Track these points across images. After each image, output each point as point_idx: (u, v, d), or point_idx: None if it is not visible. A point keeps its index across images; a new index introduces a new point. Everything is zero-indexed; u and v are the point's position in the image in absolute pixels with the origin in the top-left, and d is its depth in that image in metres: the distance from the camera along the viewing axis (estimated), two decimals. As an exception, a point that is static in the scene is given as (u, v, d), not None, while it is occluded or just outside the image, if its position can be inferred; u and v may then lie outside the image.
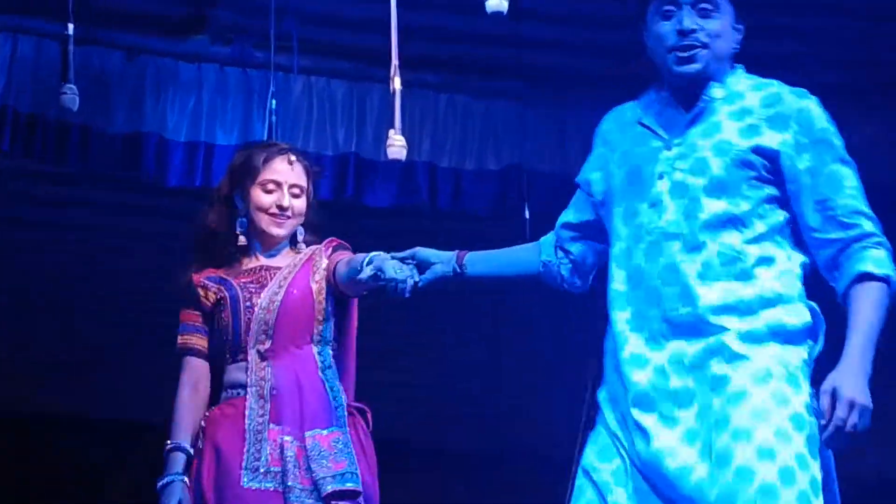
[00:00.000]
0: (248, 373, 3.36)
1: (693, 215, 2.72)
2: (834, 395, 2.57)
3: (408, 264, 3.14)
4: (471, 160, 5.50)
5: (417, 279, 3.14)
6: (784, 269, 2.75)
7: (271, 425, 3.29)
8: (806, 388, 2.66)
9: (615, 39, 5.23)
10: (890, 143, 5.59)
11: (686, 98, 2.80)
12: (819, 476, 2.63)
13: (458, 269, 3.14)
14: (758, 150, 2.73)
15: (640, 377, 2.71)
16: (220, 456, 3.30)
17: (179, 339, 3.44)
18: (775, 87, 2.81)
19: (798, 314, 2.72)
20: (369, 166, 5.35)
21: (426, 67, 5.35)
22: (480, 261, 3.14)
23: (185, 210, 5.00)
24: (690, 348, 2.69)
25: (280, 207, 3.38)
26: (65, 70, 4.55)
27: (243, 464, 3.26)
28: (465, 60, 5.48)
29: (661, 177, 2.76)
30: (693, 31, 2.77)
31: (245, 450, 3.27)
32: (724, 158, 2.73)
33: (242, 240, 3.43)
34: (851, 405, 2.56)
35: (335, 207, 5.26)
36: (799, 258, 2.78)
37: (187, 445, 3.33)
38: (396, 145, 4.12)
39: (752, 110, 2.76)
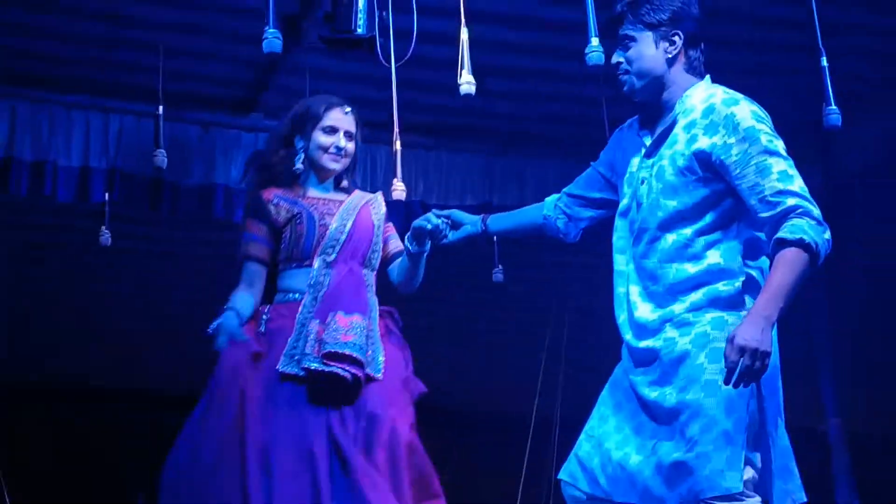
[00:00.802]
0: (311, 276, 3.24)
1: (654, 214, 2.73)
2: (730, 342, 2.51)
3: (444, 220, 3.14)
4: (453, 198, 5.70)
5: (448, 234, 3.14)
6: (729, 246, 2.69)
7: (315, 320, 3.17)
8: None
9: (563, 111, 5.69)
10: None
11: (658, 115, 2.79)
12: (739, 417, 2.58)
13: (484, 227, 3.13)
14: (697, 155, 2.67)
15: (629, 337, 2.76)
16: (272, 344, 3.17)
17: (243, 247, 3.29)
18: (714, 97, 2.71)
19: (733, 283, 2.67)
20: None
21: (419, 133, 5.62)
22: (499, 219, 3.15)
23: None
24: (653, 315, 2.71)
25: (338, 148, 3.32)
26: (157, 139, 5.01)
27: (285, 350, 3.15)
28: (449, 127, 5.77)
29: (642, 181, 2.76)
30: (618, 63, 2.80)
31: (289, 339, 3.17)
32: (674, 166, 2.70)
33: (300, 167, 3.34)
34: (742, 350, 2.49)
35: None
36: (745, 235, 2.71)
37: (238, 309, 3.19)
38: (399, 189, 4.36)
39: (696, 122, 2.70)
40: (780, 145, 2.69)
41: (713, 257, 2.68)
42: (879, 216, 6.21)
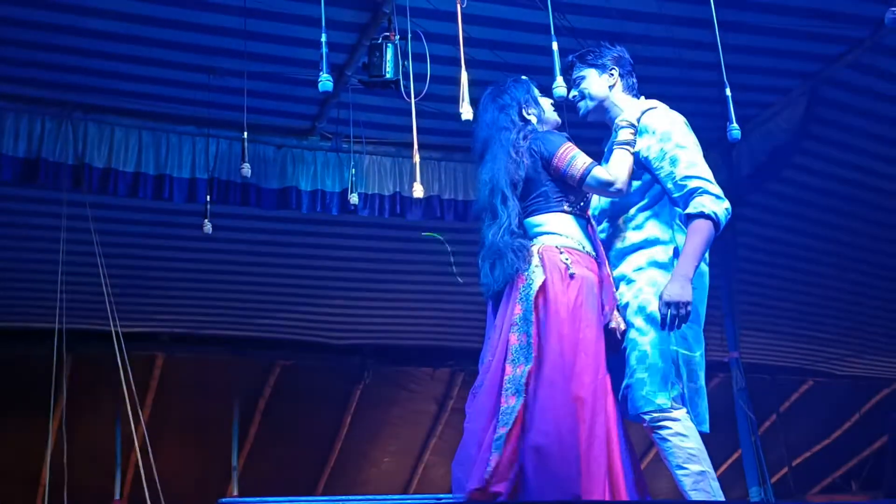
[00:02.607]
0: (589, 231, 2.70)
1: (613, 198, 2.72)
2: (660, 299, 2.52)
3: None
4: (460, 195, 5.64)
5: None
6: (662, 220, 2.65)
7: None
8: None
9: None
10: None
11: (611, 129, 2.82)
12: (664, 350, 2.52)
13: None
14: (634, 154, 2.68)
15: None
16: (584, 296, 2.57)
17: (582, 159, 2.65)
18: (643, 109, 2.71)
19: (666, 250, 2.61)
20: (406, 200, 5.54)
21: (432, 150, 5.59)
22: None
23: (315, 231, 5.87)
24: (614, 272, 2.68)
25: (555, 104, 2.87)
26: (243, 156, 4.81)
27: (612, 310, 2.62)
28: (452, 146, 5.65)
29: None
30: (574, 96, 2.82)
31: (604, 297, 2.61)
32: None
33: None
34: (668, 304, 2.46)
35: (390, 223, 5.84)
36: (675, 212, 2.65)
37: None
38: (418, 190, 4.37)
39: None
40: (688, 141, 2.64)
41: (650, 228, 2.63)
42: (764, 203, 6.32)
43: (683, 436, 2.51)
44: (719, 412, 2.76)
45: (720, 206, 2.55)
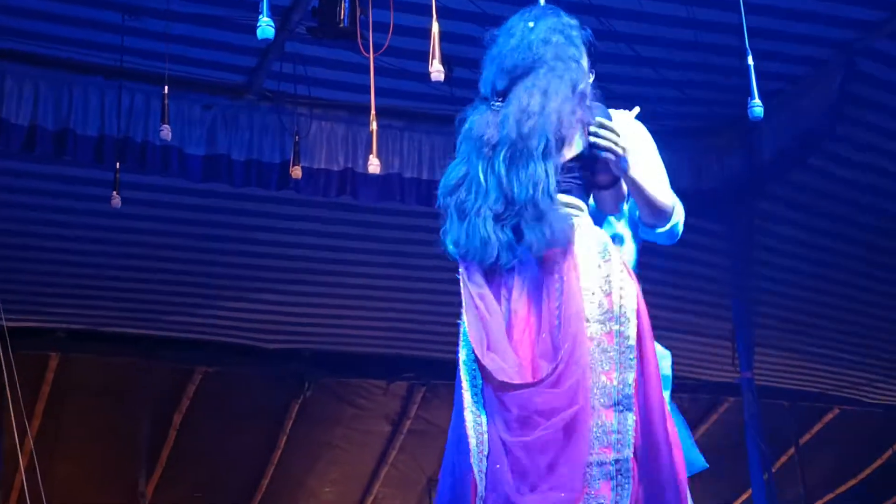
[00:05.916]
0: None
1: None
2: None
3: None
4: (425, 173, 5.67)
5: None
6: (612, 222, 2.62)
7: None
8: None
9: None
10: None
11: None
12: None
13: None
14: None
15: None
16: None
17: None
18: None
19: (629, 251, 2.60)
20: (360, 177, 5.58)
21: (393, 116, 5.63)
22: None
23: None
24: None
25: None
26: (163, 115, 4.89)
27: None
28: (417, 112, 5.71)
29: None
30: None
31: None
32: None
33: None
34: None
35: (340, 203, 5.86)
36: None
37: None
38: (374, 164, 4.62)
39: None
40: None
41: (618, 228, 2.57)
42: (787, 196, 6.31)
43: None
44: (726, 443, 2.74)
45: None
